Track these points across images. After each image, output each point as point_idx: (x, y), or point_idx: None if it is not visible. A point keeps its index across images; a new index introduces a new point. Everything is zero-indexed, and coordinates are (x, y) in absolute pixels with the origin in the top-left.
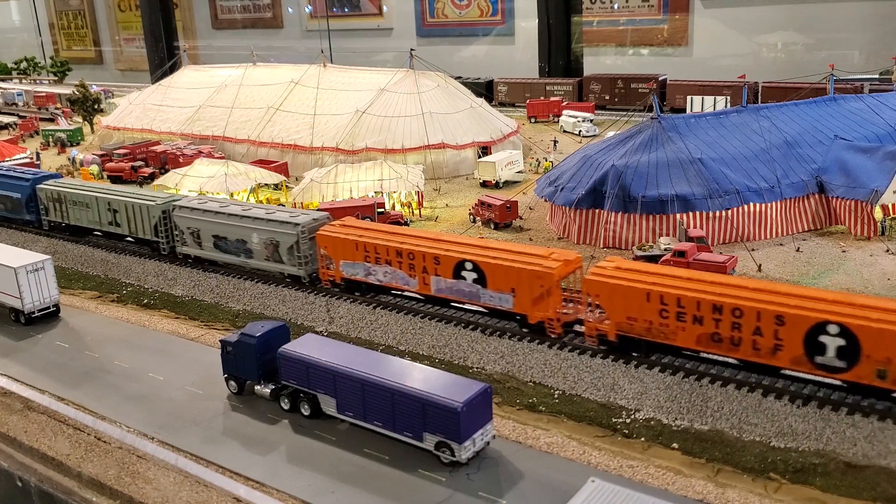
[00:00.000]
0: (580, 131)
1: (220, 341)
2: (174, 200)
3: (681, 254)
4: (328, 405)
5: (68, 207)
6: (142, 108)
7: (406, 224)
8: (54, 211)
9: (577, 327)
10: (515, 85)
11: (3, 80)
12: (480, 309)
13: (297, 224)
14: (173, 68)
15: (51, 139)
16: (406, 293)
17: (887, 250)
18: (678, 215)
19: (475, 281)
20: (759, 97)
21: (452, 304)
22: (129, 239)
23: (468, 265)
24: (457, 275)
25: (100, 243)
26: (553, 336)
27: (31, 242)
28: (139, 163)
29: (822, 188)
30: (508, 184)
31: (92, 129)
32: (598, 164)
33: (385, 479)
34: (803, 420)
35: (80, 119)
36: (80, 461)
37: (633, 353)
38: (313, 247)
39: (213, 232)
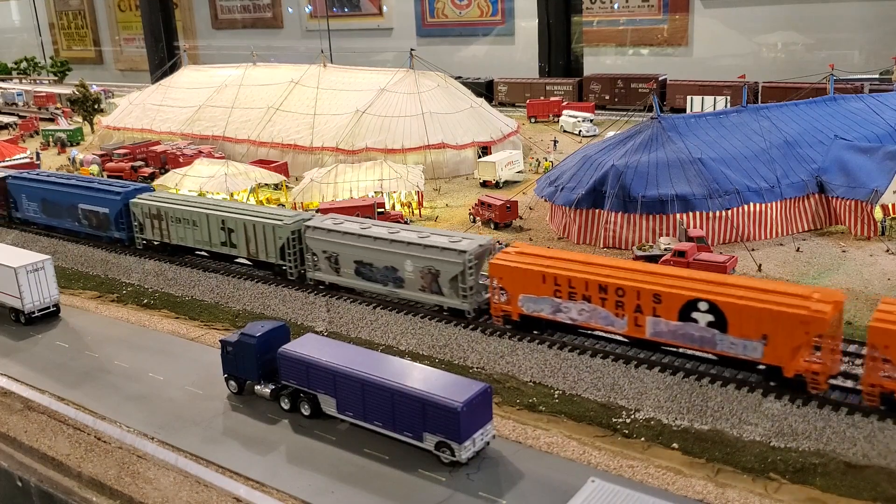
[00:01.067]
0: (580, 131)
1: (220, 341)
2: (306, 220)
3: (681, 254)
4: (328, 405)
5: (169, 225)
6: (142, 108)
7: (406, 224)
8: (151, 228)
9: (842, 381)
10: (515, 85)
11: (3, 80)
12: (710, 356)
13: (462, 251)
14: (173, 68)
15: (51, 139)
16: (608, 335)
17: (887, 250)
18: (678, 215)
19: (711, 325)
20: (759, 97)
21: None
22: (241, 260)
23: (702, 305)
24: (685, 316)
25: (99, 243)
26: (816, 393)
27: (31, 242)
28: (139, 163)
29: (822, 188)
30: (508, 184)
31: (92, 129)
32: (598, 164)
33: (385, 479)
34: (803, 420)
35: (80, 119)
36: (80, 461)
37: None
38: (480, 277)
39: (355, 257)
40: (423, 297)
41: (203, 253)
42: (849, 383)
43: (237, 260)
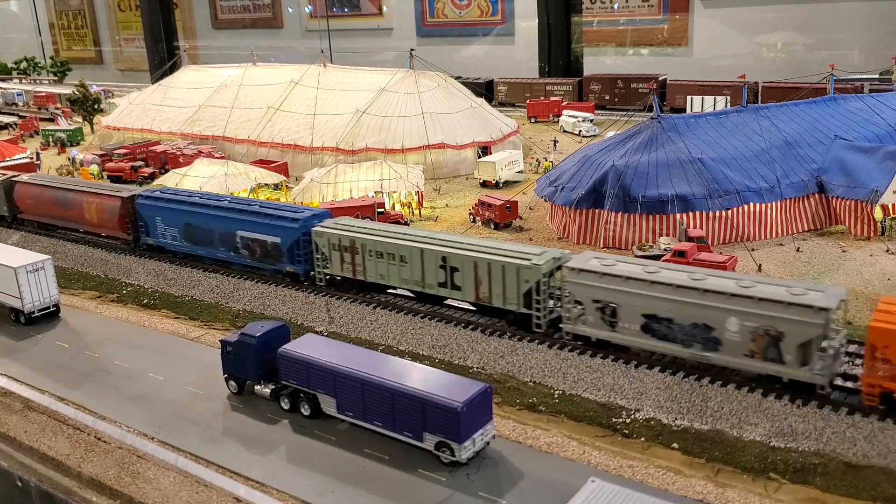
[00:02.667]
0: (580, 131)
1: (220, 341)
2: (565, 260)
3: (681, 254)
4: (328, 405)
5: (366, 259)
6: (142, 108)
7: (406, 224)
8: (340, 263)
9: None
10: (515, 85)
11: (3, 80)
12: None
13: (822, 309)
14: (173, 68)
15: (51, 139)
16: None
17: (887, 250)
18: (678, 215)
19: None
20: (759, 97)
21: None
22: (464, 304)
23: None
24: None
25: (99, 242)
26: None
27: (31, 242)
28: (139, 163)
29: (822, 188)
30: (508, 184)
31: (92, 129)
32: (598, 164)
33: (385, 479)
34: (803, 420)
35: (80, 119)
36: (80, 461)
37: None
38: (840, 339)
39: (645, 310)
40: (751, 364)
41: (410, 294)
42: (848, 383)
43: (460, 302)
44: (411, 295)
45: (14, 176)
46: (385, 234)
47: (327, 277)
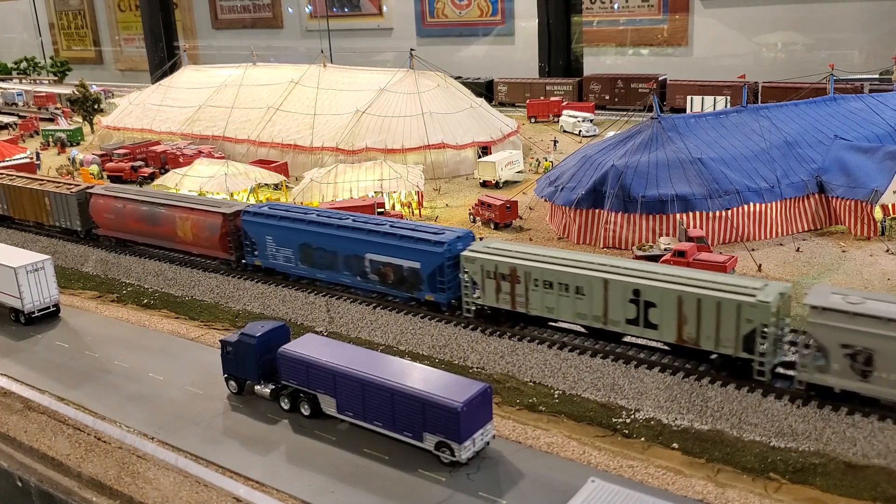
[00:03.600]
0: (580, 131)
1: (220, 341)
2: (789, 295)
3: (681, 254)
4: (328, 405)
5: (528, 289)
6: (142, 108)
7: None
8: (495, 292)
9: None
10: (515, 85)
11: (3, 80)
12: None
13: None
14: (173, 68)
15: (51, 139)
16: None
17: (887, 250)
18: (678, 215)
19: None
20: (759, 97)
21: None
22: (646, 341)
23: None
24: None
25: (100, 243)
26: None
27: (31, 242)
28: (139, 163)
29: (822, 188)
30: (508, 184)
31: (92, 129)
32: (598, 164)
33: (385, 479)
34: (803, 420)
35: (80, 119)
36: (80, 461)
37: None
38: None
39: None
40: None
41: (582, 328)
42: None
43: (637, 339)
44: (582, 330)
45: (89, 187)
46: (555, 260)
47: (475, 308)
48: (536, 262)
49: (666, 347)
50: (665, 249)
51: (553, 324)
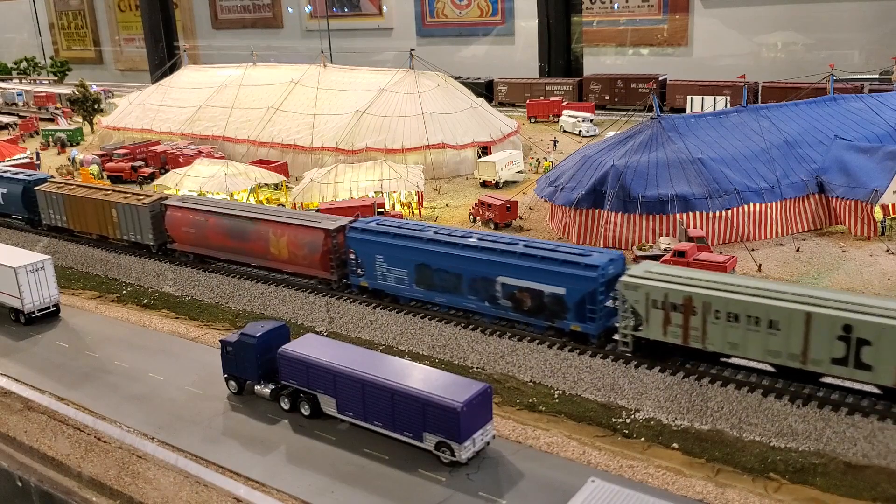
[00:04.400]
0: (580, 131)
1: (220, 341)
2: None
3: (681, 254)
4: (328, 405)
5: (707, 322)
6: (142, 108)
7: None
8: (663, 324)
9: None
10: (515, 85)
11: (3, 80)
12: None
13: None
14: (173, 68)
15: (51, 139)
16: None
17: (887, 250)
18: (678, 215)
19: None
20: (759, 97)
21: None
22: (851, 383)
23: None
24: None
25: (98, 243)
26: None
27: (31, 242)
28: (139, 163)
29: (822, 188)
30: (508, 184)
31: (92, 129)
32: (598, 164)
33: (385, 479)
34: (803, 420)
35: (80, 119)
36: (80, 461)
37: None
38: None
39: None
40: None
41: (772, 367)
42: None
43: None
44: (771, 369)
45: (164, 198)
46: (741, 289)
47: (632, 339)
48: (718, 290)
49: (877, 391)
50: (665, 249)
51: (726, 360)
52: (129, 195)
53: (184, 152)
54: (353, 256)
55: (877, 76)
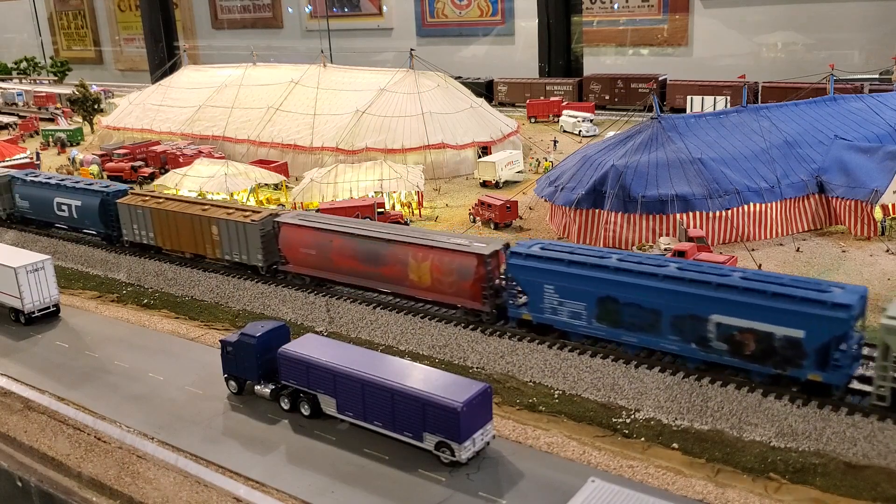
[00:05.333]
0: (580, 131)
1: (220, 341)
2: None
3: (681, 254)
4: (328, 405)
5: None
6: (142, 108)
7: (406, 224)
8: None
9: None
10: (515, 85)
11: (3, 80)
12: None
13: None
14: (173, 68)
15: (51, 139)
16: None
17: (887, 250)
18: (678, 215)
19: None
20: (759, 97)
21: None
22: None
23: None
24: None
25: (100, 243)
26: None
27: (31, 242)
28: (139, 163)
29: (822, 188)
30: (508, 184)
31: (92, 129)
32: (598, 164)
33: (385, 479)
34: (803, 420)
35: (80, 119)
36: (80, 461)
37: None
38: None
39: None
40: None
41: None
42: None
43: None
44: None
45: (275, 215)
46: None
47: None
48: None
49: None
50: (665, 249)
51: None
52: (231, 210)
53: (184, 152)
54: (513, 285)
55: (877, 76)
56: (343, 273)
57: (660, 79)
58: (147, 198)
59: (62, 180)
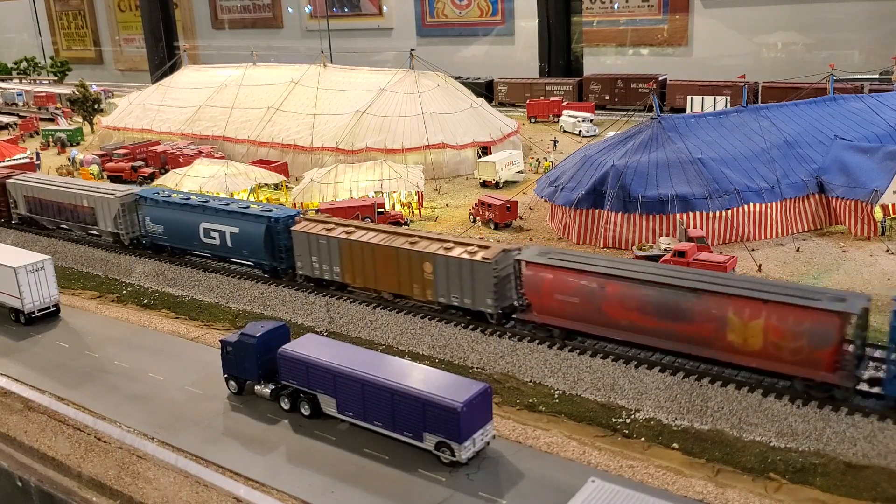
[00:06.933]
0: (580, 131)
1: (220, 341)
2: None
3: (681, 254)
4: (328, 405)
5: None
6: (142, 108)
7: (406, 224)
8: None
9: None
10: (515, 85)
11: (3, 80)
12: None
13: None
14: (173, 68)
15: (51, 139)
16: None
17: (887, 250)
18: (678, 215)
19: None
20: (759, 97)
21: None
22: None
23: None
24: None
25: (99, 243)
26: None
27: (31, 242)
28: (139, 163)
29: (822, 188)
30: (508, 184)
31: (92, 129)
32: (598, 164)
33: (385, 479)
34: (803, 420)
35: (80, 119)
36: (80, 461)
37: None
38: None
39: None
40: None
41: None
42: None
43: None
44: None
45: (512, 250)
46: None
47: None
48: None
49: None
50: (665, 249)
51: None
52: (449, 244)
53: (184, 152)
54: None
55: (877, 76)
56: (619, 328)
57: (660, 79)
58: (331, 225)
59: (206, 201)
